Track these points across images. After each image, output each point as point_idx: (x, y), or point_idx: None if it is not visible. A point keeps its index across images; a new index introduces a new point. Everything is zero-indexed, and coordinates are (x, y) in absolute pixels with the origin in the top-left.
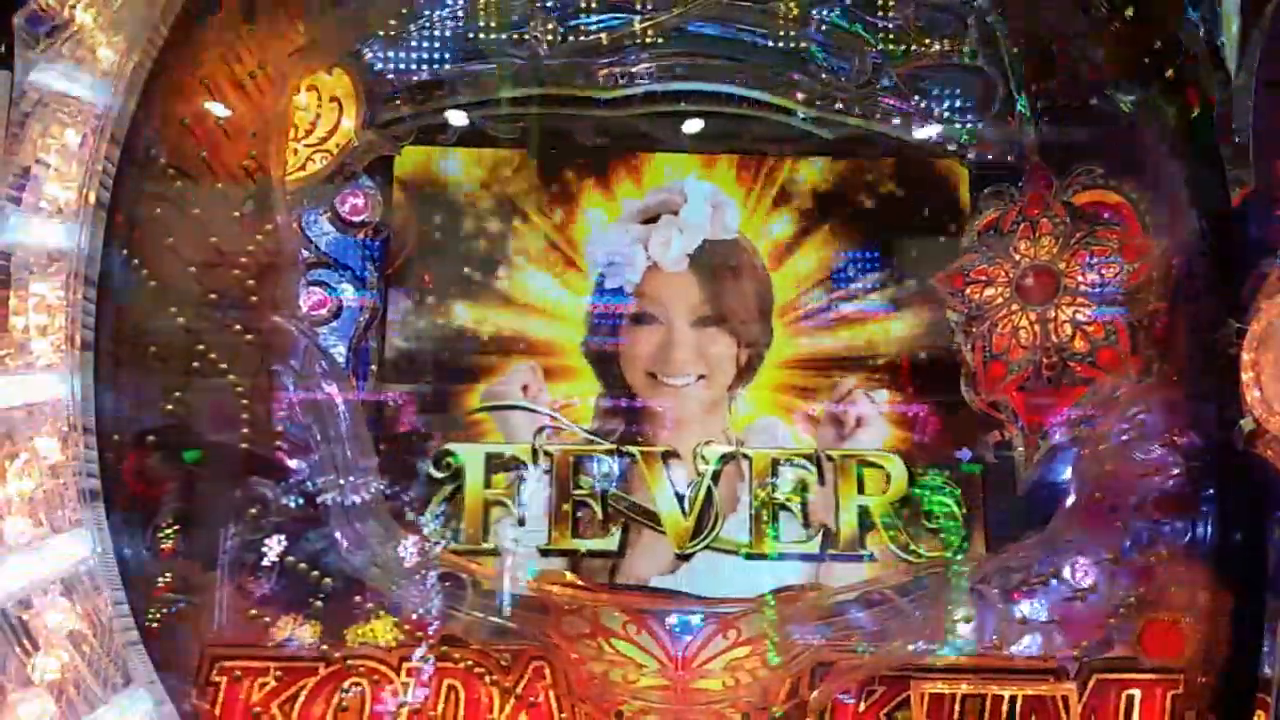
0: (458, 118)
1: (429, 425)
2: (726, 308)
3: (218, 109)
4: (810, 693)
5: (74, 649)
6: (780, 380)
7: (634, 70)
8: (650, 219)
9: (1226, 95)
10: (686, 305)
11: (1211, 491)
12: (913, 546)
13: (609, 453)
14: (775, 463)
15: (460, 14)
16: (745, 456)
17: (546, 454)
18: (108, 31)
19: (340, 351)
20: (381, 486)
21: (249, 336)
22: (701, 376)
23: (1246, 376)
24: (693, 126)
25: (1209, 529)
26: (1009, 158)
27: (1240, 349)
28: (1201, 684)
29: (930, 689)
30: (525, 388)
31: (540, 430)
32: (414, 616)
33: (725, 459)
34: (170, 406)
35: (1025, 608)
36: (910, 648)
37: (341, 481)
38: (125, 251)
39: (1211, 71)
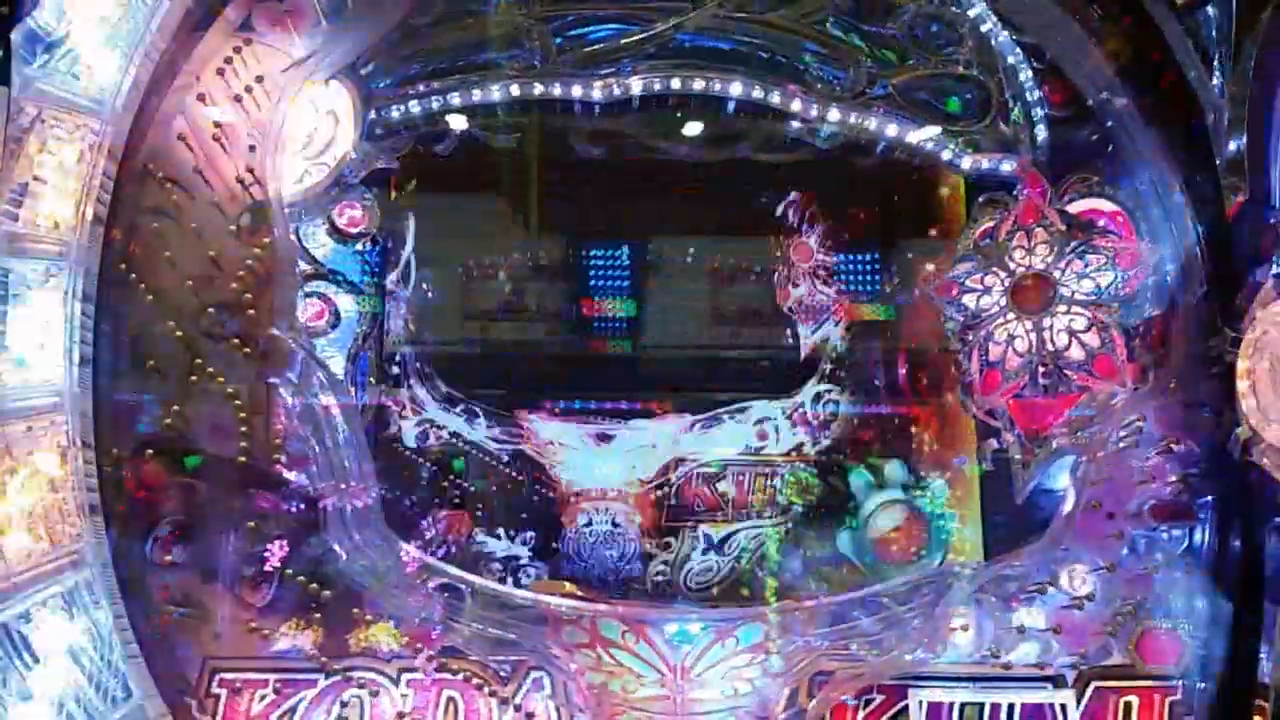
0: (457, 122)
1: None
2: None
3: (215, 123)
4: (809, 701)
5: (74, 663)
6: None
7: (630, 81)
8: None
9: (1221, 104)
10: None
11: (1209, 499)
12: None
13: None
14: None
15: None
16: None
17: None
18: (105, 47)
19: (338, 362)
20: (380, 494)
21: (247, 349)
22: None
23: (1242, 385)
24: (691, 130)
25: (1206, 536)
26: (1004, 166)
27: (1235, 357)
28: (1199, 691)
29: (928, 697)
30: None
31: None
32: (414, 623)
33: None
34: (169, 420)
35: (1023, 615)
36: (909, 656)
37: (341, 486)
38: (123, 265)
39: (1207, 80)
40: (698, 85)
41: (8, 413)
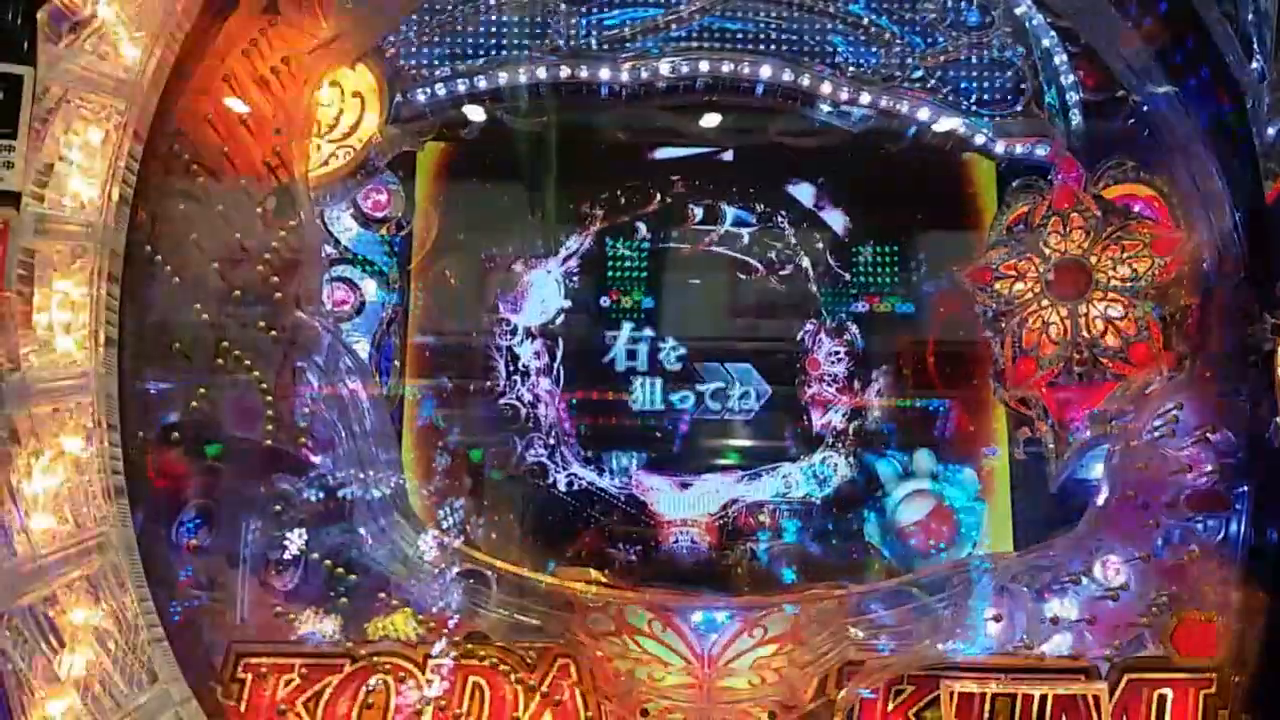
0: (476, 114)
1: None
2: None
3: (240, 105)
4: (838, 692)
5: (100, 646)
6: None
7: (658, 64)
8: None
9: (1260, 88)
10: None
11: (1245, 489)
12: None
13: None
14: None
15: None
16: None
17: None
18: (130, 27)
19: (364, 347)
20: (403, 481)
21: (273, 332)
22: None
23: None
24: (711, 121)
25: (1242, 526)
26: (1038, 151)
27: (1275, 344)
28: (1235, 683)
29: (960, 688)
30: None
31: None
32: (434, 610)
33: None
34: (194, 403)
35: (1056, 606)
36: (939, 646)
37: (364, 476)
38: (148, 248)
39: (1246, 63)
40: (726, 68)
41: (34, 394)
